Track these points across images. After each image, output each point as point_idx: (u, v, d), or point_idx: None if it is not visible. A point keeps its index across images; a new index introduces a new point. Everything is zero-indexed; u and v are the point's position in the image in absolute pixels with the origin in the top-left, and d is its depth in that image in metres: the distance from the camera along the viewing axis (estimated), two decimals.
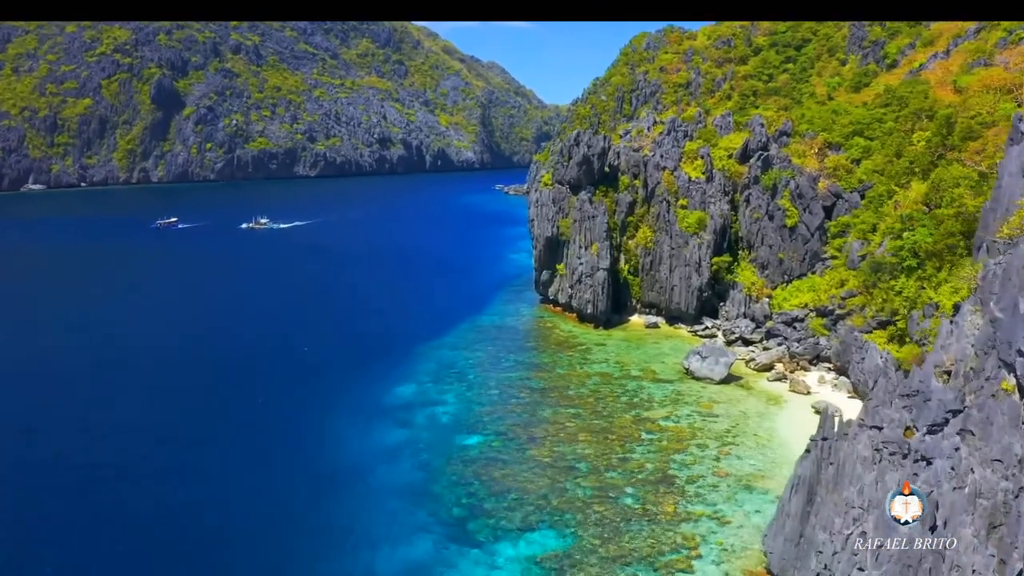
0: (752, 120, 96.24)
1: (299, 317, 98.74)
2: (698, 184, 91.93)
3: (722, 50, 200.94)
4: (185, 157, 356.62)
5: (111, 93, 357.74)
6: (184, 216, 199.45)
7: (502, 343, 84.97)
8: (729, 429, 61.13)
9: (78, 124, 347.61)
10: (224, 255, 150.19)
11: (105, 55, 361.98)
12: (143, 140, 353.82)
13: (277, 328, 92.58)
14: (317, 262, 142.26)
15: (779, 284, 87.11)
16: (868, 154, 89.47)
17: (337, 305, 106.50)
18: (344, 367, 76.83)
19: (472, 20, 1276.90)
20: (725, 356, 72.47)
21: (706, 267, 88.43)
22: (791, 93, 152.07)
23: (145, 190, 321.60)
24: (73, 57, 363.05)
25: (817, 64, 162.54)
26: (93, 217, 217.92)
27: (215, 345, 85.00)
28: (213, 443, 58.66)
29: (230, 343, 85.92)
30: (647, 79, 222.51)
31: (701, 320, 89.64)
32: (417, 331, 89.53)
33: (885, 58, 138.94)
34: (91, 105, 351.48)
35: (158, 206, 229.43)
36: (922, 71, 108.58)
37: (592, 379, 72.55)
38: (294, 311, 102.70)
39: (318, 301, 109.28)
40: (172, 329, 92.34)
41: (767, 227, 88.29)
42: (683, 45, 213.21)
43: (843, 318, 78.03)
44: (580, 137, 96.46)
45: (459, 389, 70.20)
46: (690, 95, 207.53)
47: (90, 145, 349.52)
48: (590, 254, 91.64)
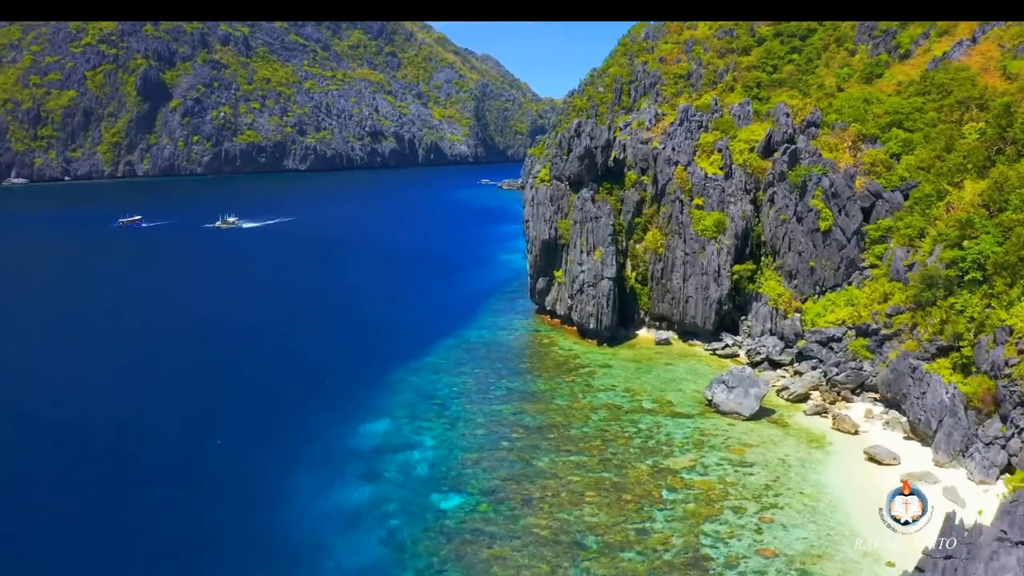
0: (775, 109, 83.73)
1: (253, 334, 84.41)
2: (715, 181, 79.44)
3: (724, 40, 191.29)
4: (171, 150, 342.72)
5: (96, 85, 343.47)
6: (153, 213, 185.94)
7: (492, 365, 72.34)
8: (769, 485, 48.78)
9: (62, 116, 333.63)
10: (179, 258, 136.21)
11: (90, 46, 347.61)
12: (128, 133, 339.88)
13: (223, 350, 78.84)
14: (283, 267, 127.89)
15: (810, 296, 74.75)
16: (909, 148, 77.12)
17: (300, 319, 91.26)
18: (307, 397, 64.11)
19: (474, 20, 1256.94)
20: (756, 386, 60.06)
21: (726, 276, 76.00)
22: (797, 84, 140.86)
23: (129, 184, 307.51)
24: (58, 48, 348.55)
25: (824, 55, 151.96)
26: (56, 213, 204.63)
27: (144, 370, 71.46)
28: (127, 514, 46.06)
29: (163, 368, 72.22)
30: (646, 70, 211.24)
31: (720, 336, 77.26)
32: (395, 349, 76.87)
33: (897, 48, 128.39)
34: (75, 97, 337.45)
35: (132, 202, 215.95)
36: (947, 59, 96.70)
37: (598, 413, 60.09)
38: (246, 327, 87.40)
39: (277, 314, 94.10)
40: (97, 348, 78.67)
41: (795, 230, 75.89)
42: (683, 35, 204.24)
43: (889, 339, 65.79)
44: (581, 127, 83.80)
45: (440, 428, 57.65)
46: (691, 86, 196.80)
47: (74, 138, 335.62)
48: (593, 260, 79.12)
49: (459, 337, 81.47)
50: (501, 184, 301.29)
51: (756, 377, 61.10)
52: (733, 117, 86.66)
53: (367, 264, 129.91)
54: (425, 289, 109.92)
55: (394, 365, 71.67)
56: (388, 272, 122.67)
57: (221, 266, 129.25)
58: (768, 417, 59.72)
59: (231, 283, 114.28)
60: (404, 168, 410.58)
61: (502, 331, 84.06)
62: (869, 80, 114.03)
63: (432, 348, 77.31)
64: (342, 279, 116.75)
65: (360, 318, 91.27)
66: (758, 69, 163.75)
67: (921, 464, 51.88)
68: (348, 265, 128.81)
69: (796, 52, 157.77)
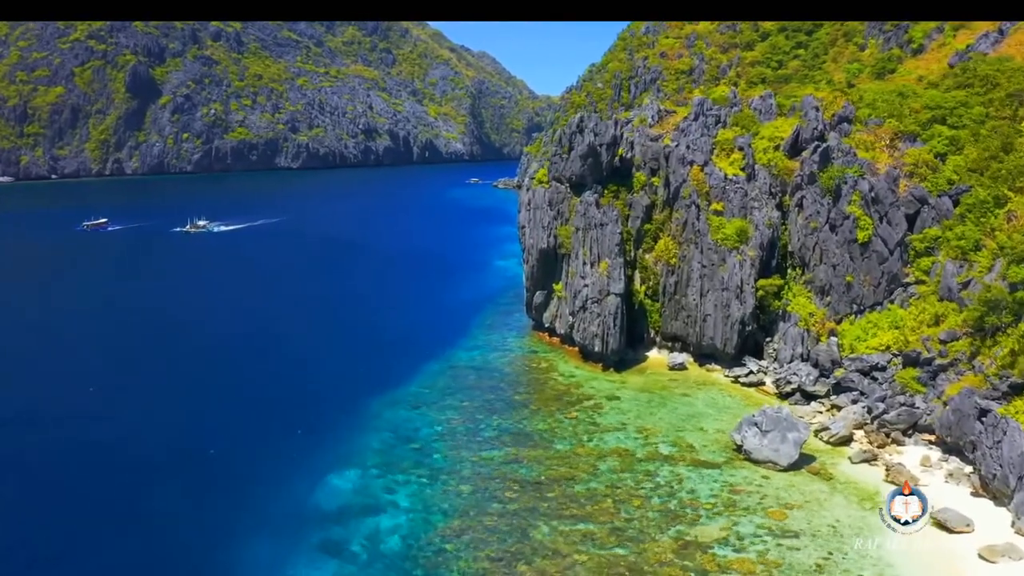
0: (803, 102, 73.42)
1: (200, 358, 72.81)
2: (737, 183, 69.18)
3: (727, 35, 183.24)
4: (161, 148, 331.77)
5: (84, 81, 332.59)
6: (124, 215, 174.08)
7: (482, 396, 61.90)
8: (820, 565, 38.58)
9: (49, 114, 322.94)
10: (135, 267, 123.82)
11: (79, 42, 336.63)
12: (117, 130, 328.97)
13: (161, 377, 67.16)
14: (249, 276, 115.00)
15: (845, 316, 64.55)
16: (956, 147, 67.05)
17: (261, 340, 79.43)
18: (264, 440, 53.69)
19: (475, 20, 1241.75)
20: (794, 430, 49.82)
21: (749, 292, 65.74)
22: (804, 80, 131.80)
23: (116, 183, 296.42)
24: (46, 44, 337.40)
25: (832, 50, 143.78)
26: (24, 213, 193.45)
27: (81, 410, 60.47)
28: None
29: (103, 403, 60.94)
30: (647, 65, 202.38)
31: (742, 360, 66.95)
32: (372, 376, 66.45)
33: (910, 42, 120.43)
34: (63, 94, 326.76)
35: (110, 202, 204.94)
36: (971, 52, 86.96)
37: (607, 462, 49.80)
38: (193, 348, 75.60)
39: (234, 333, 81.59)
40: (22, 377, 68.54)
41: (828, 240, 65.68)
42: (685, 29, 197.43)
43: (944, 370, 55.71)
44: (584, 122, 73.44)
45: (417, 483, 47.31)
46: (693, 82, 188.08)
47: (61, 135, 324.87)
48: (597, 273, 68.85)
49: (446, 360, 71.05)
50: (497, 183, 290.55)
51: (794, 419, 50.81)
52: (754, 111, 76.35)
53: (347, 273, 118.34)
54: (412, 301, 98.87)
55: (370, 396, 61.25)
56: (371, 281, 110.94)
57: (178, 275, 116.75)
58: (808, 466, 49.53)
59: (184, 295, 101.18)
60: (399, 166, 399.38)
61: (495, 352, 73.53)
62: (881, 75, 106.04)
63: (415, 374, 66.90)
64: (315, 291, 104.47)
65: (334, 337, 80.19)
66: (762, 65, 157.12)
67: (1000, 531, 41.84)
68: (325, 274, 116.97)
69: (802, 47, 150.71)
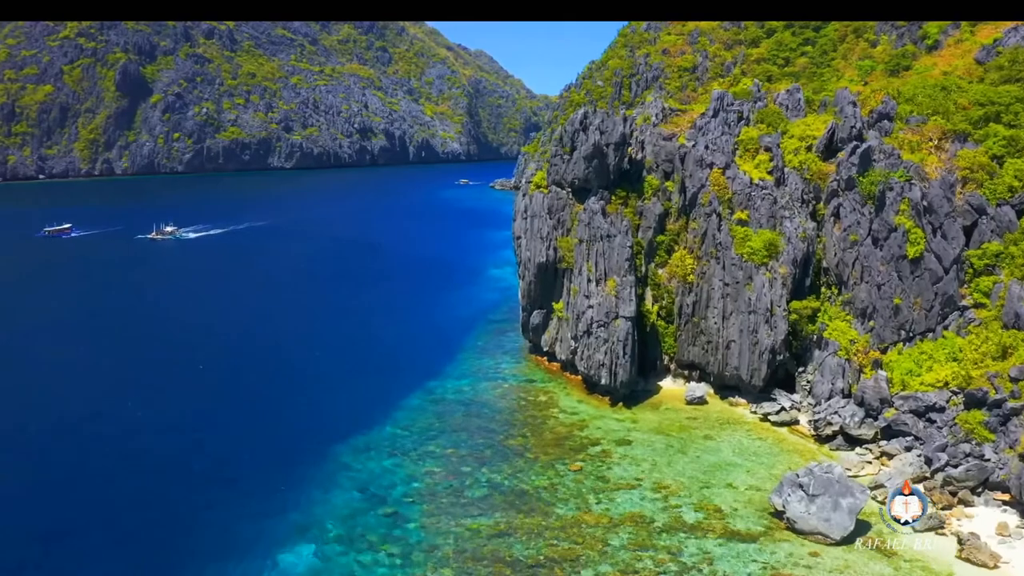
0: (837, 96, 63.84)
1: (137, 390, 61.51)
2: (764, 189, 59.60)
3: (731, 31, 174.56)
4: (151, 147, 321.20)
5: (73, 79, 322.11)
6: (94, 219, 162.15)
7: (470, 441, 52.07)
8: None
9: (37, 112, 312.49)
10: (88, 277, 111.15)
11: (68, 39, 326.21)
12: (107, 130, 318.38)
13: (90, 426, 55.60)
14: (211, 291, 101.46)
15: (892, 344, 55.08)
16: (1016, 149, 57.59)
17: (213, 368, 67.48)
18: (205, 503, 43.91)
19: (475, 20, 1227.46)
20: (849, 495, 40.22)
21: (781, 317, 56.18)
22: (812, 78, 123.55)
23: (104, 183, 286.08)
24: (34, 41, 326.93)
25: (841, 47, 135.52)
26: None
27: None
28: None
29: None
30: (648, 62, 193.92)
31: (771, 394, 57.43)
32: (342, 414, 56.58)
33: (924, 38, 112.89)
34: (52, 92, 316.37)
35: (90, 203, 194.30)
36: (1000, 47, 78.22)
37: (619, 534, 40.16)
38: (129, 380, 63.92)
39: (179, 360, 69.41)
40: None
41: (871, 255, 56.19)
42: (687, 26, 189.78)
43: (1018, 413, 46.34)
44: (589, 119, 63.78)
45: (387, 564, 37.61)
46: (696, 79, 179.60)
47: (50, 135, 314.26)
48: (604, 293, 59.28)
49: (431, 391, 61.25)
50: (493, 184, 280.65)
51: (848, 481, 41.17)
52: (780, 107, 66.81)
53: (325, 285, 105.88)
54: (397, 317, 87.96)
55: (339, 440, 51.56)
56: (351, 295, 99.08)
57: (126, 288, 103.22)
58: (863, 536, 40.03)
59: (126, 313, 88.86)
60: (394, 166, 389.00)
61: (486, 382, 63.59)
62: (896, 72, 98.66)
63: (394, 410, 57.18)
64: (284, 307, 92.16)
65: (302, 364, 69.13)
66: (768, 62, 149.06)
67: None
68: (298, 287, 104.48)
69: (809, 44, 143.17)
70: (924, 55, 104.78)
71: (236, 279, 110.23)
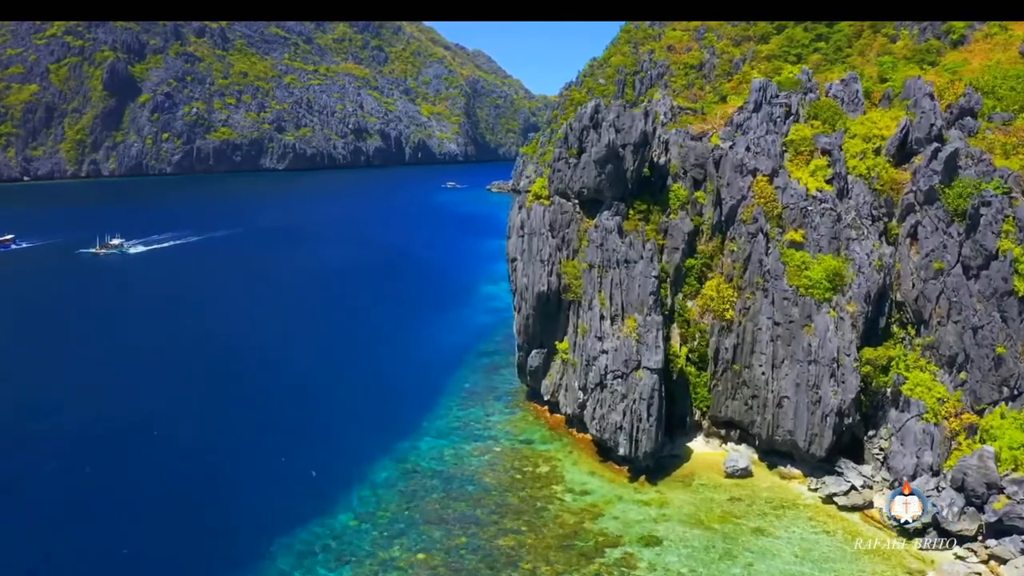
0: (909, 86, 50.69)
1: (28, 460, 47.36)
2: (824, 203, 46.40)
3: (739, 27, 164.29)
4: (139, 148, 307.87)
5: (60, 79, 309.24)
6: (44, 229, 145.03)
7: (448, 540, 38.44)
8: None
9: (22, 112, 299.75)
10: (14, 297, 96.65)
11: (55, 37, 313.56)
12: (94, 130, 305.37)
13: None
14: (147, 319, 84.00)
15: (992, 404, 41.87)
16: None
17: (124, 435, 51.13)
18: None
19: (475, 20, 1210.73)
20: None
21: (851, 369, 42.91)
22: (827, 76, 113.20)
23: (90, 185, 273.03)
24: (20, 39, 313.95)
25: (857, 43, 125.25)
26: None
27: None
28: None
29: None
30: (653, 59, 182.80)
31: (836, 465, 44.17)
32: (286, 495, 42.94)
33: (949, 33, 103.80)
34: (37, 92, 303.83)
35: (60, 207, 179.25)
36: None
37: None
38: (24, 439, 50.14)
39: (84, 420, 53.57)
40: None
41: (961, 288, 43.04)
42: (693, 22, 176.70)
43: None
44: (601, 113, 50.48)
45: None
46: (703, 77, 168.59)
47: (35, 135, 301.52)
48: (622, 334, 46.01)
49: (401, 460, 47.58)
50: (491, 187, 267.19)
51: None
52: (835, 100, 53.56)
53: (290, 309, 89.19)
54: (370, 350, 72.74)
55: (278, 535, 38.20)
56: (318, 322, 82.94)
57: (49, 313, 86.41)
58: None
59: (42, 345, 73.13)
60: (390, 167, 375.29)
61: (472, 443, 50.04)
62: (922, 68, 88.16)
63: (355, 486, 43.81)
64: (234, 339, 75.52)
65: (241, 419, 54.35)
66: (779, 59, 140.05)
67: None
68: (254, 313, 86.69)
69: (822, 40, 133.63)
70: (950, 51, 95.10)
71: (181, 302, 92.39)
